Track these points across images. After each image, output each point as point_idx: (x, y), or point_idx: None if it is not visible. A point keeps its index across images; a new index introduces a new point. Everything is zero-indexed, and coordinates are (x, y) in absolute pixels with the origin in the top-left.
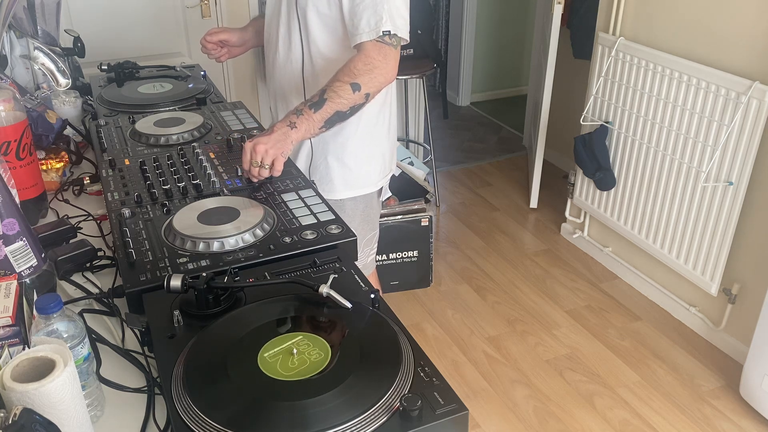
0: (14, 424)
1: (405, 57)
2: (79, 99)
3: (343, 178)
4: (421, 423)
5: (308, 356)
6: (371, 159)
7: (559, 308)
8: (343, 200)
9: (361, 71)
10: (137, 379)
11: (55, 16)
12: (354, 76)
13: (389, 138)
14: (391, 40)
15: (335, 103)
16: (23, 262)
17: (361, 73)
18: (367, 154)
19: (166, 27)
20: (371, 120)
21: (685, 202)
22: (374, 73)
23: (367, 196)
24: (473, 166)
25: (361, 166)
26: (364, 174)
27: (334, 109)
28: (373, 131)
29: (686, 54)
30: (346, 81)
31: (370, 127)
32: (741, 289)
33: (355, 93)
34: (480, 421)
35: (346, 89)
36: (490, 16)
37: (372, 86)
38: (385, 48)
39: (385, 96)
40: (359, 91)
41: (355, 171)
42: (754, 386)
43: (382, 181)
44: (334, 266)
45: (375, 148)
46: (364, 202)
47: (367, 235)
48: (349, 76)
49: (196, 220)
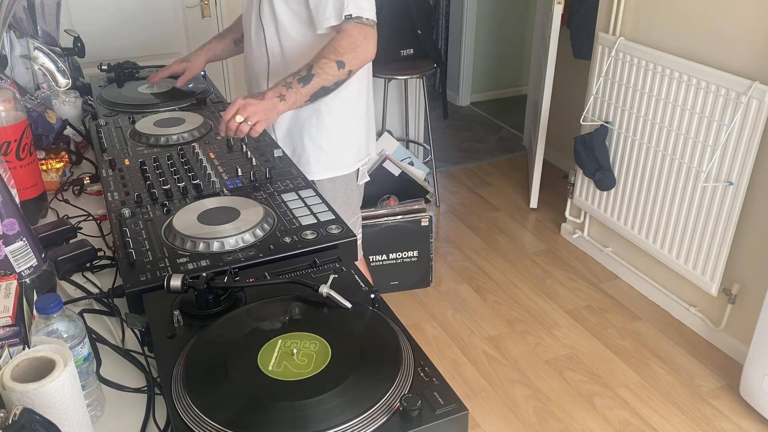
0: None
1: (405, 57)
2: (79, 99)
3: (318, 160)
4: (421, 423)
5: (308, 356)
6: (346, 142)
7: (559, 308)
8: (321, 181)
9: (345, 49)
10: (137, 379)
11: (55, 16)
12: (339, 54)
13: (366, 124)
14: (368, 21)
15: (322, 78)
16: (23, 262)
17: (345, 51)
18: (341, 137)
19: (166, 27)
20: (347, 104)
21: (685, 202)
22: (356, 52)
23: (345, 179)
24: (473, 166)
25: (335, 148)
26: (338, 157)
27: (321, 85)
28: (349, 115)
29: (686, 54)
30: (332, 58)
31: (346, 110)
32: (741, 289)
33: (340, 70)
34: (480, 421)
35: (332, 66)
36: (490, 16)
37: (354, 64)
38: (364, 29)
39: (360, 82)
40: (343, 68)
41: (330, 153)
42: (754, 386)
43: (357, 164)
44: (334, 266)
45: (350, 132)
46: (344, 185)
47: (350, 220)
48: (335, 54)
49: (196, 220)
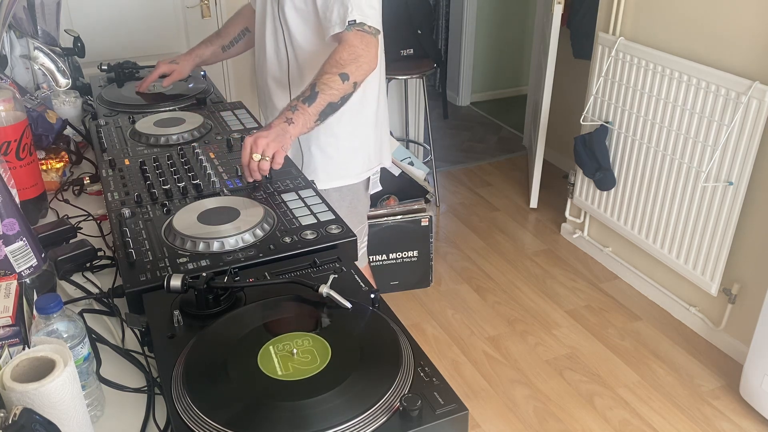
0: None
1: (405, 57)
2: (79, 99)
3: (326, 169)
4: (421, 423)
5: (308, 356)
6: (354, 150)
7: (559, 308)
8: (327, 190)
9: (347, 61)
10: (137, 379)
11: (55, 16)
12: (341, 66)
13: (376, 131)
14: (370, 29)
15: (327, 95)
16: (23, 262)
17: (347, 63)
18: (349, 146)
19: (166, 27)
20: (354, 112)
21: (685, 202)
22: (359, 62)
23: (353, 188)
24: (473, 166)
25: (343, 156)
26: (346, 165)
27: (327, 101)
28: (357, 123)
29: (686, 54)
30: (335, 72)
31: (353, 118)
32: (741, 289)
33: (344, 83)
34: (480, 421)
35: (335, 80)
36: (490, 16)
37: (358, 75)
38: (366, 37)
39: (370, 85)
40: (348, 81)
41: (337, 161)
42: (754, 386)
43: (367, 173)
44: (334, 266)
45: (358, 140)
46: (351, 194)
47: (356, 228)
48: (337, 67)
49: (196, 220)
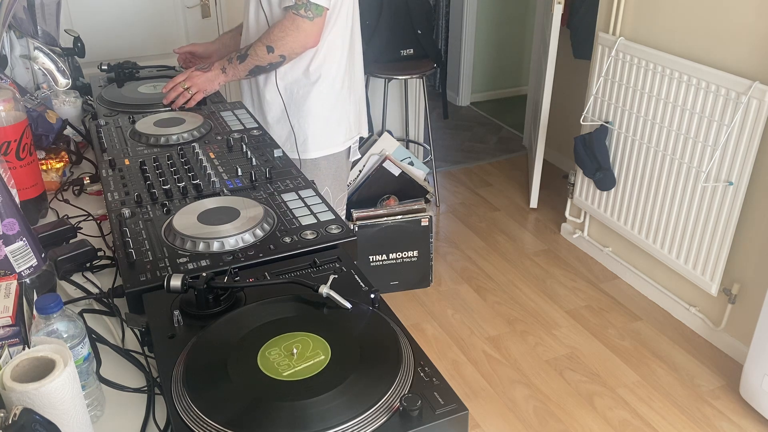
0: (14, 424)
1: (405, 57)
2: (79, 99)
3: (312, 139)
4: (421, 423)
5: (308, 356)
6: (336, 121)
7: (559, 308)
8: (316, 159)
9: (276, 37)
10: (137, 379)
11: (55, 16)
12: (270, 41)
13: (353, 101)
14: (306, 13)
15: (254, 59)
16: (23, 262)
17: (276, 38)
18: (330, 116)
19: (166, 27)
20: (332, 85)
21: (685, 202)
22: (286, 40)
23: (337, 157)
24: (473, 166)
25: (325, 127)
26: (332, 135)
27: (255, 64)
28: (335, 95)
29: (686, 54)
30: (264, 43)
31: (332, 91)
32: (741, 289)
33: (269, 54)
34: (480, 421)
35: (262, 49)
36: (490, 16)
37: (285, 50)
38: (297, 20)
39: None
40: (273, 53)
41: (321, 132)
42: (754, 386)
43: (349, 142)
44: (334, 266)
45: (338, 111)
46: (336, 162)
47: (338, 196)
48: (267, 39)
49: (196, 220)
